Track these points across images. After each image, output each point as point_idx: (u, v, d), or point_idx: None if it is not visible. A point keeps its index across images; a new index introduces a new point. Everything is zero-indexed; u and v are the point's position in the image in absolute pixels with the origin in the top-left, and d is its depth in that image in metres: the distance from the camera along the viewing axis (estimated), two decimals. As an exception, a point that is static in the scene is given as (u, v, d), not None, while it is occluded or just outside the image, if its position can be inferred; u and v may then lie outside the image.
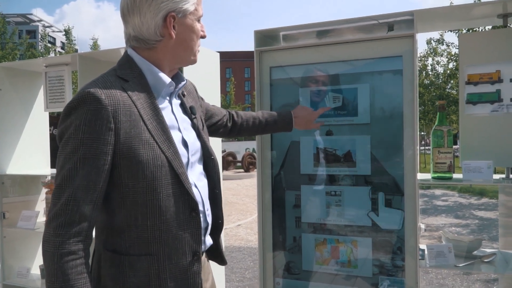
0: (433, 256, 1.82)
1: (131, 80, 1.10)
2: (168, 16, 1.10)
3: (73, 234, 0.98)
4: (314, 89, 1.98)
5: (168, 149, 1.08)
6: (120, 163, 1.04)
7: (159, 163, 1.05)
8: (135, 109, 1.06)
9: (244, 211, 8.67)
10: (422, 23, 1.92)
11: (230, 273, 4.72)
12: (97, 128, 1.00)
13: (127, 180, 1.05)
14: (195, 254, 1.12)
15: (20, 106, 2.86)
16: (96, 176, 1.00)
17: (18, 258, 2.86)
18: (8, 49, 16.53)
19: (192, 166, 1.19)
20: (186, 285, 1.11)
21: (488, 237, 6.17)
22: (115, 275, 1.08)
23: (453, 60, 15.69)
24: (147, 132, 1.06)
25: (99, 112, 1.00)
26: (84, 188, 0.99)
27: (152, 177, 1.05)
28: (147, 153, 1.05)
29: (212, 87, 2.59)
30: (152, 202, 1.05)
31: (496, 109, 1.82)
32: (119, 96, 1.04)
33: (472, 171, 1.72)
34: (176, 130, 1.16)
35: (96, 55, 2.55)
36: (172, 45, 1.14)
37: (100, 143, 1.00)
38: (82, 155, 0.99)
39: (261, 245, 2.08)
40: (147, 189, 1.05)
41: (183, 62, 1.21)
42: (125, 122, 1.03)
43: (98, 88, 1.03)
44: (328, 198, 1.97)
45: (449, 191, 11.92)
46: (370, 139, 1.89)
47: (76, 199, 0.98)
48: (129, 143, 1.03)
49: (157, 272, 1.07)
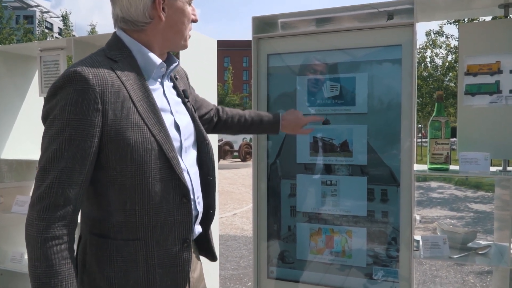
0: (428, 247, 1.82)
1: (120, 61, 1.07)
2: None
3: (57, 218, 0.95)
4: (312, 77, 1.96)
5: (159, 132, 1.04)
6: (108, 145, 1.00)
7: (149, 146, 1.02)
8: (124, 90, 1.02)
9: (240, 200, 8.69)
10: (423, 12, 1.89)
11: (225, 262, 4.74)
12: (83, 108, 0.96)
13: (115, 163, 1.01)
14: (185, 242, 1.09)
15: (14, 90, 2.83)
16: (82, 159, 0.97)
17: (12, 243, 2.85)
18: (4, 34, 16.36)
19: (187, 151, 1.16)
20: (175, 272, 1.08)
21: (482, 230, 6.21)
22: (101, 259, 1.05)
23: (452, 52, 15.64)
24: (137, 114, 1.02)
25: (86, 92, 0.96)
26: (70, 171, 0.96)
27: (141, 161, 1.01)
28: (136, 135, 1.01)
29: (209, 74, 2.56)
30: (141, 186, 1.02)
31: (494, 101, 1.80)
32: (108, 76, 1.01)
33: (469, 163, 1.72)
34: (168, 113, 1.13)
35: (92, 39, 2.51)
36: (161, 27, 1.10)
37: (86, 125, 0.96)
38: (68, 136, 0.95)
39: (255, 234, 2.08)
40: (136, 173, 1.01)
41: (173, 46, 1.17)
42: (114, 103, 0.99)
43: (85, 67, 0.99)
44: (323, 187, 1.96)
45: (445, 184, 11.98)
46: (367, 129, 1.87)
47: (61, 182, 0.95)
48: (117, 125, 0.99)
49: (145, 258, 1.05)
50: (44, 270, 0.94)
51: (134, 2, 1.06)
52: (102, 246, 1.06)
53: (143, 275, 1.04)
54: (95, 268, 1.06)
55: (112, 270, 1.04)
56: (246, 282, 4.17)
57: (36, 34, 21.18)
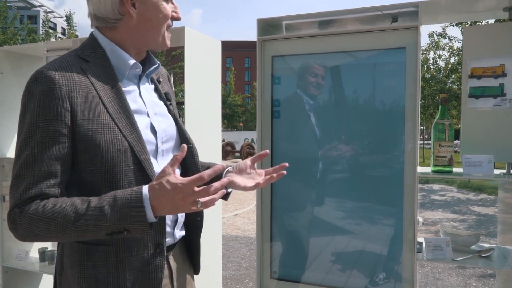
0: (431, 249, 1.82)
1: (92, 61, 1.04)
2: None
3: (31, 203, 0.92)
4: (315, 79, 1.97)
5: (131, 134, 1.01)
6: (78, 146, 0.97)
7: (120, 148, 0.98)
8: (93, 91, 0.99)
9: (241, 200, 8.70)
10: (427, 15, 1.90)
11: (226, 262, 4.75)
12: (52, 109, 0.93)
13: (85, 165, 0.98)
14: (158, 247, 1.04)
15: (20, 90, 2.81)
16: (57, 161, 0.94)
17: (17, 241, 2.86)
18: (9, 34, 16.41)
19: (164, 154, 1.12)
20: (147, 278, 1.03)
21: (485, 233, 6.20)
22: (74, 263, 1.03)
23: (455, 54, 15.60)
24: (107, 115, 0.99)
25: (53, 92, 0.94)
26: (45, 175, 0.93)
27: (111, 163, 0.97)
28: (106, 137, 0.97)
29: (213, 76, 2.57)
30: (112, 189, 0.96)
31: (498, 104, 1.81)
32: (76, 76, 0.98)
33: (472, 165, 1.72)
34: (144, 115, 1.09)
35: (98, 40, 2.53)
36: (134, 24, 1.07)
37: (57, 125, 0.94)
38: (39, 139, 0.93)
39: (258, 234, 2.09)
40: (106, 175, 0.98)
41: (150, 44, 1.12)
42: (82, 104, 0.97)
43: (52, 67, 0.97)
44: (326, 189, 1.97)
45: (447, 186, 11.95)
46: (371, 131, 1.88)
47: (37, 185, 0.92)
48: (86, 126, 0.96)
49: (116, 264, 1.00)
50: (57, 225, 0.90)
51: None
52: (74, 249, 1.03)
53: (113, 281, 1.01)
54: (69, 272, 1.04)
55: (82, 275, 1.01)
56: (247, 283, 4.18)
57: (40, 34, 21.26)
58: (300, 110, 2.00)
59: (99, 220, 0.89)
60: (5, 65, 2.75)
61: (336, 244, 1.97)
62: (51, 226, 0.90)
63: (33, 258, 2.86)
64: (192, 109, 2.24)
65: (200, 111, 2.38)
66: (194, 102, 2.27)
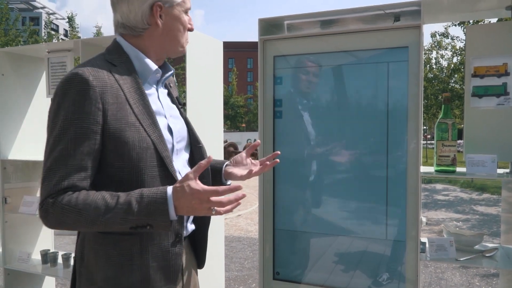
0: (434, 249, 1.81)
1: (118, 65, 1.13)
2: (155, 5, 1.13)
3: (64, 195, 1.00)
4: (317, 79, 1.96)
5: (153, 133, 1.10)
6: (107, 143, 1.05)
7: (145, 145, 1.07)
8: (121, 93, 1.08)
9: (244, 201, 8.69)
10: (429, 14, 1.89)
11: (229, 263, 4.74)
12: (85, 108, 1.01)
13: (113, 160, 1.06)
14: (177, 236, 1.14)
15: (22, 91, 2.85)
16: (88, 156, 1.02)
17: (19, 243, 2.87)
18: (11, 35, 16.46)
19: (178, 153, 1.21)
20: (168, 266, 1.12)
21: (488, 232, 6.17)
22: (98, 253, 1.10)
23: (458, 54, 15.55)
24: (133, 116, 1.08)
25: (87, 93, 1.02)
26: (77, 169, 1.01)
27: (137, 158, 1.06)
28: (133, 135, 1.06)
29: (215, 76, 2.57)
30: (137, 183, 1.06)
31: (502, 103, 1.80)
32: (107, 78, 1.06)
33: (476, 165, 1.71)
34: (162, 116, 1.18)
35: (99, 41, 2.53)
36: (158, 34, 1.17)
37: (90, 123, 1.02)
38: (73, 135, 1.01)
39: (261, 235, 2.08)
40: (133, 170, 1.06)
41: (169, 52, 1.22)
42: (112, 104, 1.05)
43: (85, 70, 1.04)
44: (329, 189, 1.96)
45: (450, 186, 11.92)
46: (373, 130, 1.87)
47: (69, 178, 1.00)
48: (116, 125, 1.05)
49: (140, 252, 1.08)
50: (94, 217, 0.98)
51: (133, 9, 1.12)
52: (98, 240, 1.10)
53: (137, 268, 1.08)
54: (92, 261, 1.11)
55: (108, 264, 1.08)
56: (250, 284, 4.17)
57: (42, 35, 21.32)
58: (302, 110, 1.99)
59: (126, 214, 0.98)
60: (6, 67, 2.76)
61: (339, 245, 1.96)
62: (82, 217, 0.98)
63: (35, 260, 2.85)
64: (194, 110, 2.23)
65: (202, 112, 2.38)
66: (195, 103, 2.27)
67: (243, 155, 1.37)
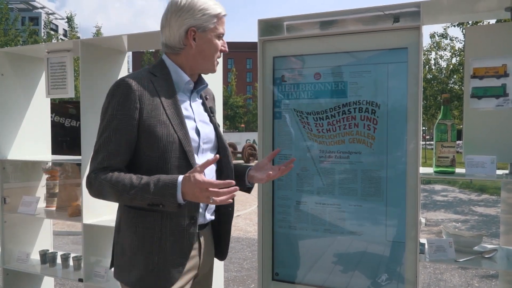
0: (433, 250, 1.81)
1: (159, 76, 1.40)
2: (189, 30, 1.38)
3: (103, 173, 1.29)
4: (317, 80, 1.96)
5: (180, 131, 1.34)
6: (141, 136, 1.32)
7: (171, 139, 1.32)
8: (157, 97, 1.34)
9: (243, 202, 8.69)
10: (428, 15, 1.89)
11: (228, 263, 4.74)
12: (126, 106, 1.30)
13: (145, 150, 1.33)
14: (192, 218, 1.36)
15: (21, 91, 2.85)
16: (125, 144, 1.31)
17: (18, 243, 2.87)
18: (11, 35, 16.44)
19: (204, 152, 1.44)
20: (182, 242, 1.35)
21: (487, 233, 6.18)
22: (129, 224, 1.37)
23: (457, 55, 15.56)
24: (165, 115, 1.33)
25: (129, 95, 1.30)
26: (116, 153, 1.30)
27: (164, 150, 1.31)
28: (162, 130, 1.31)
29: (215, 76, 2.56)
30: (163, 170, 1.31)
31: (501, 104, 1.80)
32: (146, 85, 1.34)
33: (475, 166, 1.71)
34: (192, 120, 1.42)
35: (98, 41, 2.53)
36: (192, 53, 1.42)
37: (129, 118, 1.30)
38: (115, 126, 1.30)
39: (260, 236, 2.08)
40: (160, 159, 1.31)
41: (201, 69, 1.47)
42: (148, 105, 1.32)
43: (131, 77, 1.33)
44: (328, 189, 1.96)
45: (449, 187, 11.93)
46: (373, 131, 1.87)
47: (109, 159, 1.30)
48: (149, 121, 1.31)
49: (160, 227, 1.33)
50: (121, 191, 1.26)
51: (173, 32, 1.39)
52: (130, 215, 1.37)
53: (157, 240, 1.33)
54: (125, 232, 1.39)
55: (135, 233, 1.35)
56: (249, 284, 4.17)
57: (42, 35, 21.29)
58: (302, 111, 1.99)
59: (145, 192, 1.23)
60: (6, 67, 2.75)
61: (338, 245, 1.96)
62: (113, 190, 1.27)
63: (34, 261, 2.85)
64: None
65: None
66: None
67: (265, 161, 1.62)
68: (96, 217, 2.52)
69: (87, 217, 2.47)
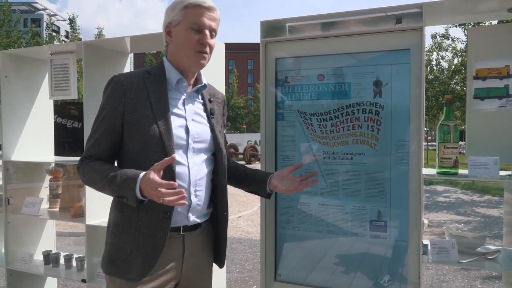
0: (436, 251, 1.81)
1: (152, 73, 1.44)
2: (166, 26, 1.43)
3: (87, 159, 1.40)
4: (319, 81, 1.97)
5: (163, 126, 1.36)
6: (125, 128, 1.38)
7: (152, 133, 1.35)
8: (145, 92, 1.39)
9: (245, 203, 8.69)
10: (431, 16, 1.89)
11: (230, 264, 4.74)
12: (113, 99, 1.38)
13: (127, 141, 1.39)
14: (166, 214, 1.37)
15: (25, 93, 2.86)
16: (109, 134, 1.38)
17: (21, 243, 2.88)
18: (13, 37, 16.47)
19: (196, 152, 1.45)
20: (155, 235, 1.36)
21: (490, 234, 6.17)
22: (114, 212, 1.44)
23: (458, 55, 15.55)
24: (150, 109, 1.37)
25: (116, 89, 1.38)
26: (100, 143, 1.39)
27: (145, 143, 1.35)
28: (145, 124, 1.35)
29: (217, 78, 2.57)
30: (143, 161, 1.35)
31: (504, 105, 1.80)
32: (136, 81, 1.40)
33: (478, 167, 1.71)
34: (182, 118, 1.43)
35: (101, 43, 2.54)
36: (172, 49, 1.45)
37: (114, 110, 1.37)
38: (102, 118, 1.39)
39: (263, 237, 2.08)
40: (140, 152, 1.36)
41: (184, 64, 1.45)
42: (134, 99, 1.37)
43: (123, 74, 1.42)
44: (330, 190, 1.96)
45: (451, 187, 11.91)
46: (376, 132, 1.87)
47: (93, 148, 1.39)
48: (133, 114, 1.37)
49: (136, 218, 1.37)
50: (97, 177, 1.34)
51: (162, 30, 1.45)
52: (116, 203, 1.44)
53: (133, 232, 1.37)
54: (112, 217, 1.46)
55: (115, 224, 1.42)
56: (251, 285, 4.17)
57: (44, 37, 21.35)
58: (304, 112, 2.00)
59: (112, 183, 1.29)
60: (9, 68, 2.77)
61: (340, 246, 1.96)
62: (91, 178, 1.37)
63: (38, 261, 2.86)
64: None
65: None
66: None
67: (285, 171, 1.63)
68: (99, 218, 2.52)
69: (90, 218, 2.48)
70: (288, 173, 1.62)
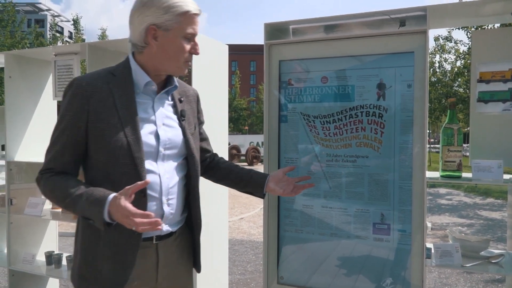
0: (440, 255, 1.81)
1: (118, 75, 1.31)
2: (149, 28, 1.27)
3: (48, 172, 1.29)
4: (322, 84, 1.97)
5: (131, 135, 1.25)
6: (90, 139, 1.26)
7: (120, 144, 1.24)
8: (111, 98, 1.27)
9: (247, 204, 8.68)
10: (434, 19, 1.90)
11: (232, 266, 4.74)
12: (74, 107, 1.25)
13: (93, 153, 1.28)
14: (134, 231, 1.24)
15: (29, 94, 2.87)
16: (71, 146, 1.27)
17: (24, 244, 2.88)
18: (17, 38, 16.53)
19: (165, 159, 1.34)
20: (125, 251, 1.28)
21: (493, 237, 6.14)
22: (82, 224, 1.33)
23: (461, 58, 15.51)
24: (117, 118, 1.25)
25: (77, 96, 1.25)
26: (61, 155, 1.27)
27: (112, 155, 1.24)
28: (111, 134, 1.24)
29: (220, 79, 2.58)
30: (109, 175, 1.26)
31: (508, 108, 1.80)
32: (100, 85, 1.27)
33: (481, 170, 1.71)
34: (151, 123, 1.32)
35: (105, 44, 2.55)
36: (154, 52, 1.31)
37: (76, 120, 1.25)
38: (63, 127, 1.27)
39: (265, 239, 2.08)
40: (107, 164, 1.26)
41: (166, 70, 1.35)
42: (99, 107, 1.25)
43: (85, 77, 1.29)
44: (333, 193, 1.96)
45: (454, 190, 11.87)
46: (379, 135, 1.87)
47: (55, 160, 1.28)
48: (98, 124, 1.25)
49: (104, 234, 1.25)
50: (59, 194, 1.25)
51: (136, 29, 1.30)
52: (81, 219, 1.33)
53: (103, 248, 1.28)
54: (79, 231, 1.34)
55: (83, 238, 1.32)
56: (253, 287, 4.16)
57: (48, 38, 21.43)
58: (307, 115, 2.00)
59: (76, 204, 1.20)
60: (13, 69, 2.78)
61: (343, 249, 1.96)
62: (54, 195, 1.26)
63: (40, 262, 2.87)
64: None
65: (207, 115, 2.38)
66: (201, 106, 2.27)
67: (280, 174, 1.58)
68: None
69: (93, 219, 2.48)
70: (283, 174, 1.59)
